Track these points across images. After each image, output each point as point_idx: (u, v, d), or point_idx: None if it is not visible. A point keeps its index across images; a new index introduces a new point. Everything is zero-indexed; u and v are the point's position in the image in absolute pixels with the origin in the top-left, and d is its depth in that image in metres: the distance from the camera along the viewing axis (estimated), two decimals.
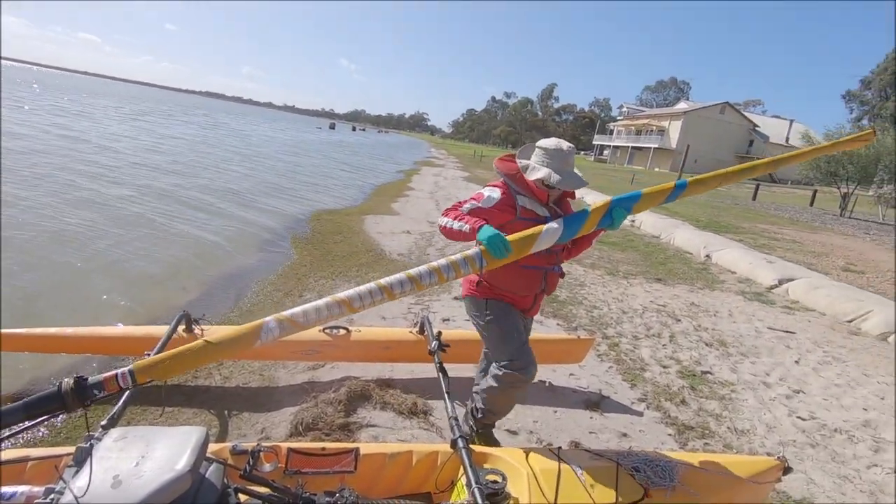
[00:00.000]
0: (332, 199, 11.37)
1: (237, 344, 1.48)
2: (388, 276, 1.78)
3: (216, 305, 4.36)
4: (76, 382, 1.26)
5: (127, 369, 1.37)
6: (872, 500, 2.58)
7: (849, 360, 4.44)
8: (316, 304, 1.62)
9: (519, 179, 2.10)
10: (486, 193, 2.06)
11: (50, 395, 1.24)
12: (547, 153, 2.04)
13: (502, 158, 2.21)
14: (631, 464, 1.95)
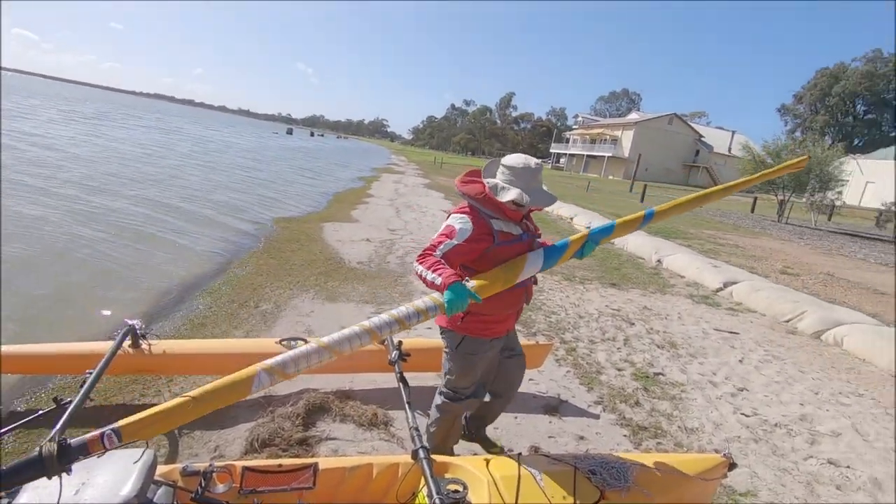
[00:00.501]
0: (290, 206, 11.13)
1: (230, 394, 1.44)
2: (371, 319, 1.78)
3: (166, 318, 4.17)
4: (59, 448, 1.17)
5: (112, 429, 1.29)
6: (809, 489, 2.75)
7: (787, 358, 4.73)
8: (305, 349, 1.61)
9: (487, 202, 1.99)
10: (457, 226, 1.94)
11: (30, 462, 1.16)
12: (513, 171, 1.97)
13: (465, 180, 2.09)
14: (588, 467, 2.00)
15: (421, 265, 1.89)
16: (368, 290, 5.29)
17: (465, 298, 1.74)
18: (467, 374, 2.23)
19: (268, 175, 17.02)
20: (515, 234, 2.03)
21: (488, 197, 1.98)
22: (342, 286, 5.33)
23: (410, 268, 6.49)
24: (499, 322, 2.16)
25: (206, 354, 2.82)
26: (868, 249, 13.74)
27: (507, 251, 1.99)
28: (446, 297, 1.74)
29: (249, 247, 6.88)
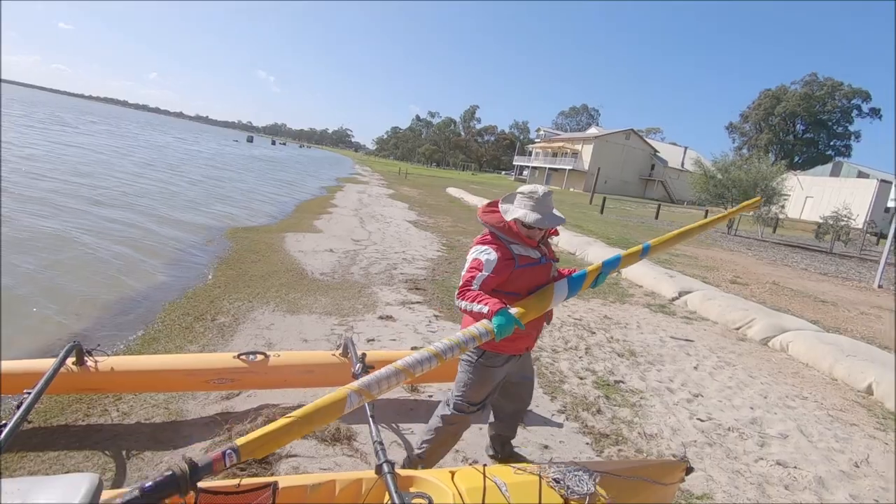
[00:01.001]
0: (250, 216, 10.85)
1: (327, 414, 1.56)
2: (435, 343, 1.91)
3: (116, 333, 3.95)
4: (190, 467, 1.29)
5: (231, 448, 1.38)
6: (760, 490, 2.87)
7: (737, 364, 4.94)
8: (385, 372, 1.71)
9: (507, 230, 2.17)
10: (483, 258, 2.12)
11: (165, 481, 1.27)
12: (523, 196, 2.18)
13: (486, 210, 2.27)
14: (552, 475, 2.01)
15: (464, 300, 2.10)
16: (331, 302, 5.20)
17: (512, 323, 1.95)
18: (483, 387, 2.32)
19: (227, 184, 16.55)
20: (534, 258, 2.21)
21: (508, 225, 2.17)
22: (304, 298, 5.21)
23: (375, 278, 6.43)
24: (518, 339, 2.25)
25: (157, 371, 2.68)
26: (809, 260, 14.62)
27: (529, 273, 2.19)
28: (496, 322, 1.94)
29: (207, 258, 6.65)
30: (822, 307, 7.86)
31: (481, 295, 2.05)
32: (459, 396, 2.34)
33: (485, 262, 2.11)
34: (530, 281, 2.19)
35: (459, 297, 2.13)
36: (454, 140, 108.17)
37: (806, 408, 4.11)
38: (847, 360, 4.84)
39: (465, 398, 2.33)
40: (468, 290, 2.11)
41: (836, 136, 63.42)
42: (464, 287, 2.13)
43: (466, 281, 2.13)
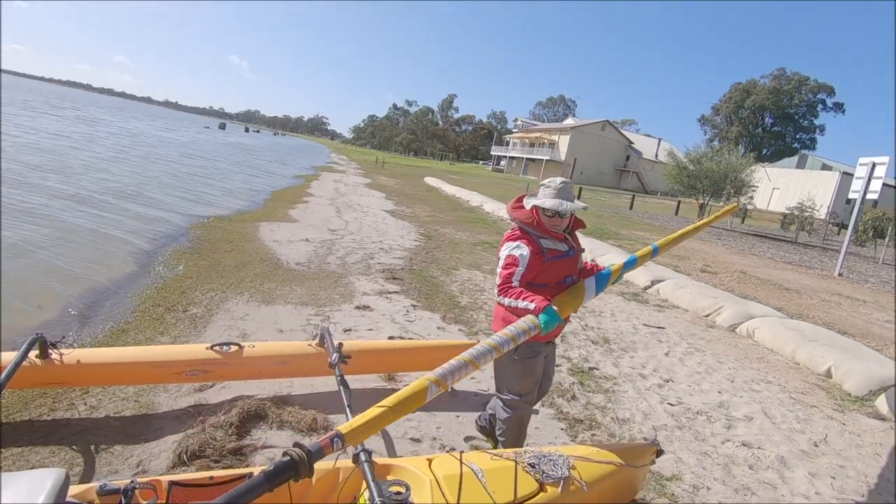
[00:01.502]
0: (223, 205, 10.59)
1: (412, 403, 1.66)
2: (492, 337, 1.99)
3: (83, 325, 3.83)
4: (306, 452, 1.38)
5: (337, 434, 1.48)
6: (726, 471, 2.98)
7: (707, 350, 5.09)
8: (456, 363, 1.82)
9: (536, 226, 2.26)
10: (517, 253, 2.22)
11: (285, 465, 1.35)
12: (545, 186, 2.30)
13: (515, 206, 2.37)
14: (527, 461, 2.05)
15: (508, 297, 2.18)
16: (308, 292, 5.14)
17: (557, 319, 2.07)
18: (528, 377, 2.41)
19: (198, 172, 16.11)
20: (562, 250, 2.30)
21: (537, 222, 2.26)
22: (279, 288, 5.14)
23: (351, 268, 6.38)
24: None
25: (126, 363, 2.61)
26: (775, 249, 15.12)
27: (558, 266, 2.28)
28: (542, 318, 2.05)
29: (178, 248, 6.47)
30: (787, 295, 8.16)
31: (525, 291, 2.15)
32: (509, 394, 2.44)
33: (519, 258, 2.21)
34: (559, 273, 2.30)
35: (502, 294, 2.22)
36: (432, 129, 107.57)
37: (770, 391, 4.28)
38: (808, 346, 5.04)
39: (515, 393, 2.43)
40: (510, 286, 2.20)
41: (802, 129, 65.48)
42: (504, 284, 2.22)
43: (505, 278, 2.22)
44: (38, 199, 7.68)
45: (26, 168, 10.08)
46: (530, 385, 2.44)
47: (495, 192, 24.50)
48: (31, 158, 11.43)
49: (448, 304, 5.38)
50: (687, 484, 2.78)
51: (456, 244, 9.15)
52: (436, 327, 4.67)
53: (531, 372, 2.41)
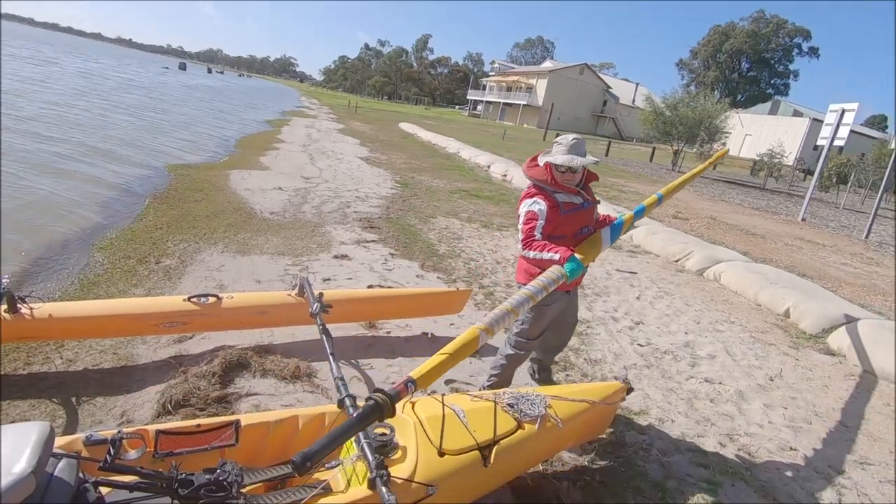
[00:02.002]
0: (190, 152, 10.15)
1: (466, 350, 1.83)
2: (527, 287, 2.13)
3: (49, 279, 3.71)
4: (388, 396, 1.55)
5: (409, 379, 1.67)
6: (689, 405, 3.19)
7: (675, 294, 5.30)
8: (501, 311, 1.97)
9: (551, 182, 2.39)
10: (536, 208, 2.35)
11: (373, 408, 1.52)
12: (558, 143, 2.40)
13: (530, 166, 2.49)
14: (506, 401, 2.14)
15: (533, 251, 2.32)
16: (284, 242, 5.07)
17: (581, 267, 2.22)
18: (539, 323, 2.57)
19: (161, 117, 15.25)
20: (577, 203, 2.42)
21: (551, 179, 2.38)
22: (254, 238, 5.05)
23: (328, 217, 6.29)
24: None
25: (101, 316, 2.57)
26: (744, 195, 15.51)
27: (574, 218, 2.40)
28: (568, 267, 2.19)
29: (145, 197, 6.23)
30: (753, 239, 8.46)
31: (548, 244, 2.29)
32: (518, 334, 2.62)
33: (538, 212, 2.34)
34: (576, 224, 2.42)
35: (526, 247, 2.35)
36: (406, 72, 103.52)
37: (732, 331, 4.52)
38: (770, 288, 5.30)
39: (522, 335, 2.61)
40: (533, 240, 2.33)
41: (777, 74, 65.58)
42: (527, 238, 2.36)
43: (528, 232, 2.35)
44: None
45: None
46: (539, 330, 2.61)
47: (472, 138, 24.09)
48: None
49: (426, 253, 5.40)
50: (653, 417, 2.97)
51: (433, 192, 9.07)
52: (414, 275, 4.70)
53: (543, 318, 2.57)
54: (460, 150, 16.78)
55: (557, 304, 2.56)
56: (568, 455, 2.49)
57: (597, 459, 2.50)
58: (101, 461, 1.49)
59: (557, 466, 2.41)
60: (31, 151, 7.46)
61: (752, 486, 2.48)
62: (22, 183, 5.91)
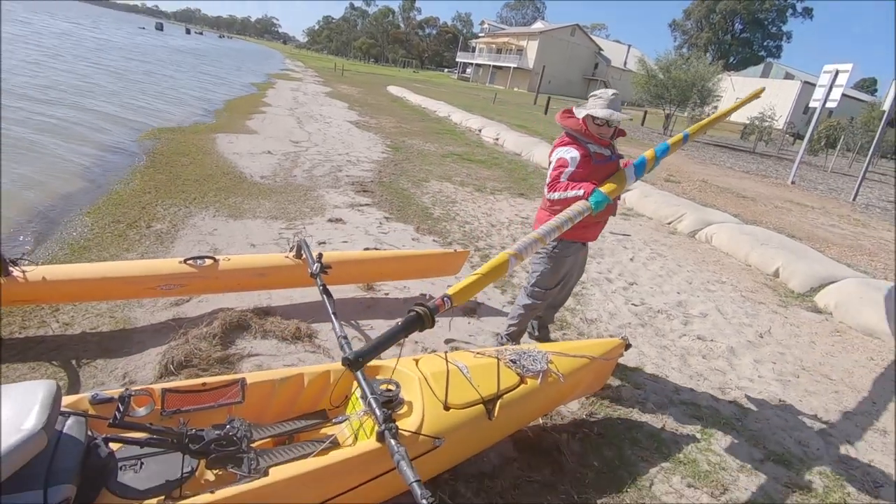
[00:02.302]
0: (175, 115, 9.81)
1: (497, 272, 1.92)
2: (549, 222, 2.16)
3: (37, 245, 3.62)
4: (428, 309, 1.65)
5: (446, 295, 1.76)
6: (682, 360, 3.26)
7: (668, 255, 5.36)
8: (531, 239, 2.03)
9: (585, 133, 2.47)
10: (568, 156, 2.43)
11: (414, 319, 1.63)
12: (596, 97, 2.48)
13: (564, 116, 2.56)
14: (508, 357, 2.17)
15: (556, 192, 2.43)
16: (276, 206, 4.99)
17: (605, 199, 2.27)
18: (556, 273, 2.70)
19: (142, 79, 14.68)
20: (607, 154, 2.53)
21: (585, 130, 2.47)
22: (246, 202, 4.97)
23: (320, 181, 6.19)
24: (590, 227, 2.61)
25: (96, 279, 2.52)
26: (734, 159, 15.52)
27: (604, 169, 2.49)
28: (593, 200, 2.26)
29: (131, 161, 6.06)
30: (743, 202, 8.52)
31: (571, 183, 2.39)
32: (535, 285, 2.74)
33: (569, 160, 2.43)
34: (604, 174, 2.49)
35: (550, 189, 2.47)
36: (393, 33, 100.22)
37: (723, 291, 4.60)
38: (760, 248, 5.37)
39: (540, 285, 2.73)
40: (558, 182, 2.44)
41: (770, 35, 64.58)
42: (553, 181, 2.47)
43: (555, 177, 2.46)
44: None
45: None
46: (556, 280, 2.73)
47: (462, 101, 23.62)
48: None
49: (421, 216, 5.36)
50: (648, 373, 3.04)
51: (425, 156, 8.94)
52: (410, 238, 4.68)
53: (560, 268, 2.70)
54: (451, 113, 16.47)
55: (573, 256, 2.70)
56: (567, 409, 2.56)
57: (595, 413, 2.57)
58: (109, 418, 1.49)
59: (557, 420, 2.47)
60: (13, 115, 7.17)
61: (743, 435, 2.58)
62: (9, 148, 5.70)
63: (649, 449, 2.37)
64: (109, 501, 1.44)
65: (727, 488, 2.20)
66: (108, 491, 1.46)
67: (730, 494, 2.17)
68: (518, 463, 2.15)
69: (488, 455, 2.15)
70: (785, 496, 2.21)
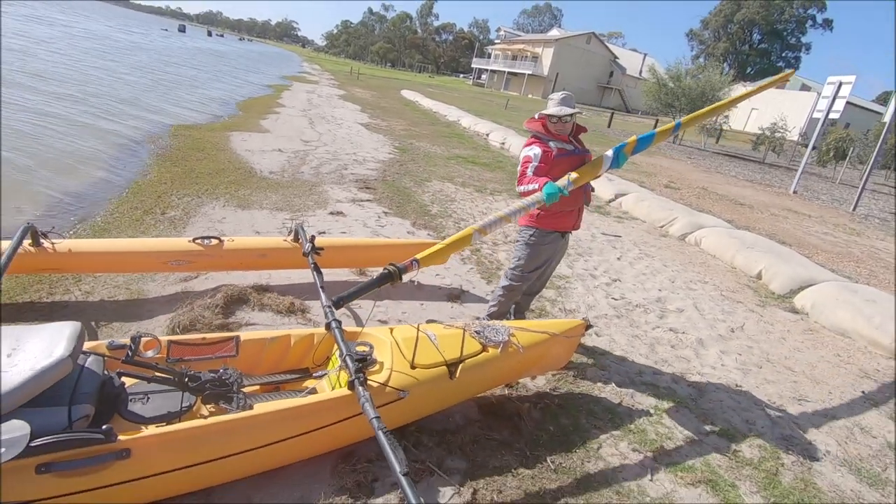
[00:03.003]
0: (193, 113, 10.26)
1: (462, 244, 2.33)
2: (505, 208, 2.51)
3: (62, 226, 3.97)
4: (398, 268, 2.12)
5: (414, 259, 2.16)
6: (651, 348, 3.48)
7: (656, 256, 5.56)
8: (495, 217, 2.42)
9: (545, 132, 2.79)
10: (531, 153, 2.73)
11: (386, 274, 2.09)
12: (551, 100, 2.82)
13: (530, 121, 2.89)
14: (474, 329, 2.43)
15: (521, 185, 2.72)
16: (282, 199, 5.31)
17: (557, 192, 2.50)
18: (534, 259, 2.94)
19: (163, 79, 15.24)
20: (569, 149, 2.80)
21: (545, 130, 2.79)
22: (254, 195, 5.29)
23: (325, 178, 6.51)
24: (562, 217, 2.86)
25: (115, 252, 2.84)
26: (741, 168, 15.59)
27: (566, 161, 2.75)
28: (546, 191, 2.49)
29: (150, 155, 6.45)
30: (740, 209, 8.67)
31: (533, 178, 2.68)
32: (515, 269, 2.99)
33: (532, 156, 2.72)
34: (567, 167, 2.73)
35: (518, 183, 2.75)
36: (410, 38, 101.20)
37: (704, 290, 4.80)
38: (746, 251, 5.55)
39: (520, 269, 2.97)
40: (524, 176, 2.73)
41: (789, 46, 64.03)
42: (521, 176, 2.76)
43: (522, 172, 2.75)
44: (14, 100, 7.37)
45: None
46: (534, 265, 2.97)
47: (473, 106, 23.94)
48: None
49: (419, 212, 5.64)
50: (615, 358, 3.27)
51: (430, 157, 9.24)
52: (406, 232, 4.96)
53: (538, 255, 2.93)
54: (461, 118, 16.78)
55: (551, 244, 2.94)
56: (532, 383, 2.80)
57: (558, 388, 2.81)
58: (122, 358, 1.79)
59: (522, 392, 2.72)
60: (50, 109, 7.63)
61: (694, 413, 2.80)
62: (43, 139, 6.12)
63: (603, 419, 2.60)
64: (119, 424, 1.73)
65: (669, 454, 2.43)
66: (119, 416, 1.75)
67: (670, 458, 2.40)
68: (480, 424, 2.40)
69: (453, 416, 2.41)
70: (721, 462, 2.43)
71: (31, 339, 1.65)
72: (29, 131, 6.44)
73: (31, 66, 11.42)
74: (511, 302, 3.19)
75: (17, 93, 8.36)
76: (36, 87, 9.29)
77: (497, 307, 3.15)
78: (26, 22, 24.28)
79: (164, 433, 1.63)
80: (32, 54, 13.63)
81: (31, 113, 7.36)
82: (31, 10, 35.20)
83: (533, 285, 3.24)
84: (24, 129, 6.48)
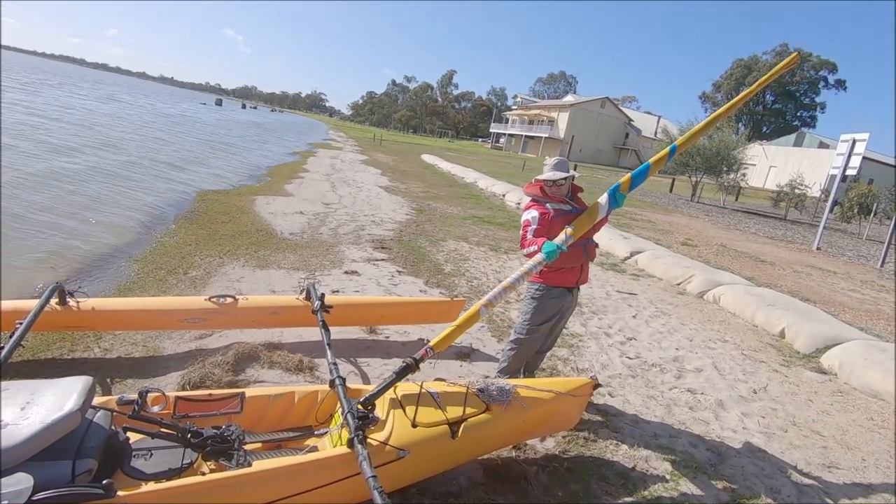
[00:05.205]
0: (222, 180, 10.86)
1: (470, 322, 2.39)
2: (508, 278, 2.59)
3: (91, 282, 4.19)
4: (414, 360, 2.21)
5: (428, 346, 2.28)
6: (667, 410, 3.36)
7: (672, 314, 5.46)
8: (499, 290, 2.52)
9: (543, 195, 2.94)
10: (529, 217, 2.89)
11: (405, 367, 2.19)
12: (546, 165, 2.98)
13: (529, 185, 3.05)
14: (477, 387, 2.42)
15: (524, 249, 2.85)
16: (300, 259, 5.48)
17: (555, 249, 2.60)
18: (541, 312, 2.99)
19: (195, 148, 16.28)
20: (567, 209, 2.93)
21: (543, 192, 2.94)
22: (273, 255, 5.49)
23: (343, 238, 6.71)
24: (565, 273, 2.94)
25: (134, 311, 2.97)
26: (761, 225, 15.43)
27: (564, 220, 2.85)
28: (544, 249, 2.61)
29: (177, 218, 6.80)
30: (760, 266, 8.52)
31: (532, 240, 2.80)
32: (524, 323, 3.03)
33: (531, 219, 2.86)
34: (564, 226, 2.82)
35: (520, 247, 2.91)
36: (431, 106, 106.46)
37: (724, 349, 4.66)
38: (766, 309, 5.42)
39: (528, 323, 3.01)
40: (525, 239, 2.86)
41: (803, 106, 64.94)
42: (522, 239, 2.90)
43: (523, 236, 2.90)
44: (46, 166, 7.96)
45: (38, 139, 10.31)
46: (542, 319, 3.00)
47: (491, 168, 24.65)
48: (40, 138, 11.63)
49: (432, 271, 5.73)
50: (629, 419, 3.16)
51: (446, 218, 9.46)
52: (418, 290, 5.03)
53: (546, 309, 2.98)
54: (478, 179, 17.27)
55: (558, 298, 2.98)
56: (541, 445, 2.73)
57: (568, 450, 2.72)
58: (130, 413, 1.84)
59: (530, 454, 2.64)
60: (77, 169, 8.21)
61: (713, 479, 2.66)
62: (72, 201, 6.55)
63: (615, 485, 2.49)
64: (121, 480, 1.75)
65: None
66: (121, 472, 1.78)
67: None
68: (484, 487, 2.33)
69: (457, 478, 2.34)
70: None
71: (45, 393, 1.72)
72: (68, 193, 6.89)
73: (107, 134, 12.39)
74: (523, 359, 3.16)
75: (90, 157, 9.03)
76: (74, 151, 10.02)
77: (507, 364, 3.14)
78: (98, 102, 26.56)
79: (162, 489, 1.65)
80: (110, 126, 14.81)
81: (73, 175, 7.90)
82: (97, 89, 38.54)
83: (543, 343, 3.22)
84: (66, 191, 6.95)
